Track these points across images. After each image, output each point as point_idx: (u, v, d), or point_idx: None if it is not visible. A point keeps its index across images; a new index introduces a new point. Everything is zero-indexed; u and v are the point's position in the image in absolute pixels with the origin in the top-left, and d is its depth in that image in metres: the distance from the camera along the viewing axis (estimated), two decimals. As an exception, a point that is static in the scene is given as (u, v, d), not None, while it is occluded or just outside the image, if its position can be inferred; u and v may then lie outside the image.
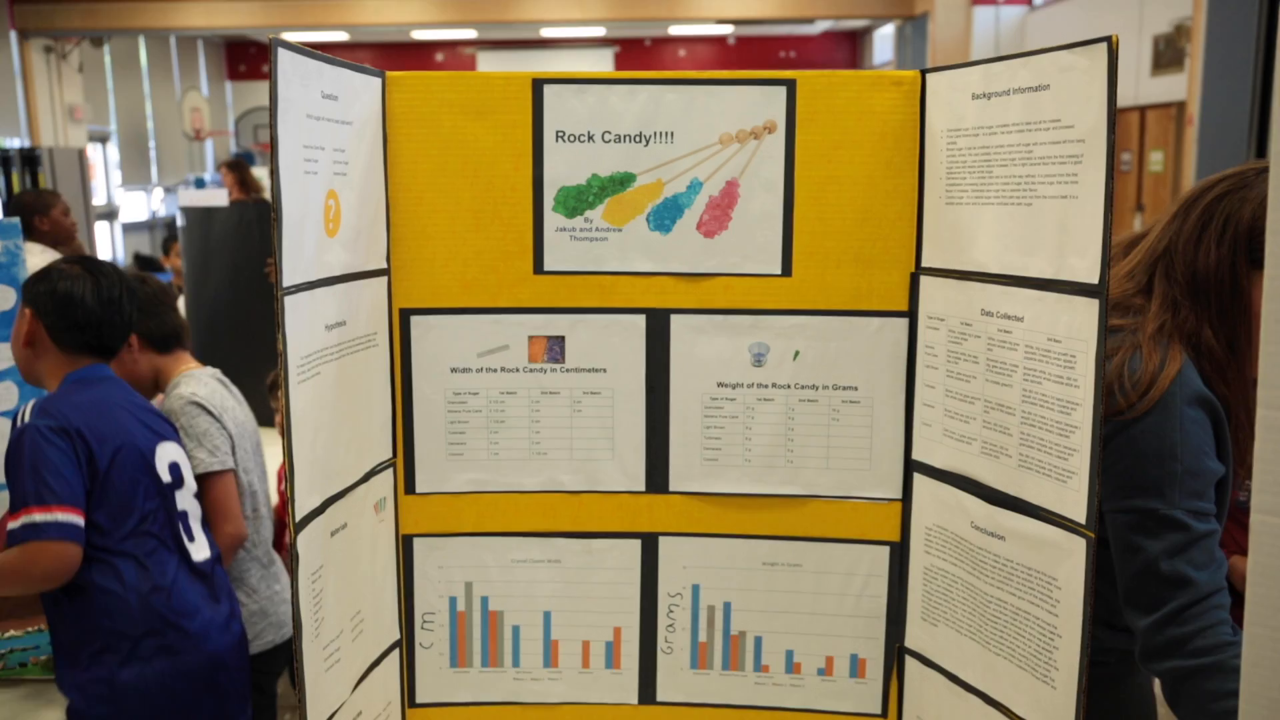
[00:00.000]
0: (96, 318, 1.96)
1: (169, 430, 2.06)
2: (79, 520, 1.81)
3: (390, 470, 1.45)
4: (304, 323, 1.21)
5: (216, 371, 2.41)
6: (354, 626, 1.34)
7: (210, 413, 2.24)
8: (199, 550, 2.01)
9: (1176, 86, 7.90)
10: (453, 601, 1.51)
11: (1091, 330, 1.16)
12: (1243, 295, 1.36)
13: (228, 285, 3.53)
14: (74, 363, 1.96)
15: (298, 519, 1.18)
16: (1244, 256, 1.35)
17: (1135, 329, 1.36)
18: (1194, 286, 1.37)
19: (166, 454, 1.99)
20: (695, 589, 1.50)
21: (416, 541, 1.49)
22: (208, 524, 2.08)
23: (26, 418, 1.86)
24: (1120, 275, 1.41)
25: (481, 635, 1.52)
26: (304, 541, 1.20)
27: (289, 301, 1.17)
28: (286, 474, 1.17)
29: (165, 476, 1.96)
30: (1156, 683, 1.42)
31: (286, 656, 2.37)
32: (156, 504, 1.93)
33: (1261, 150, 6.80)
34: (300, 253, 1.19)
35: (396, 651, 1.49)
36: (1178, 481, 1.27)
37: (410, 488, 1.48)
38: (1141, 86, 8.29)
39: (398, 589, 1.48)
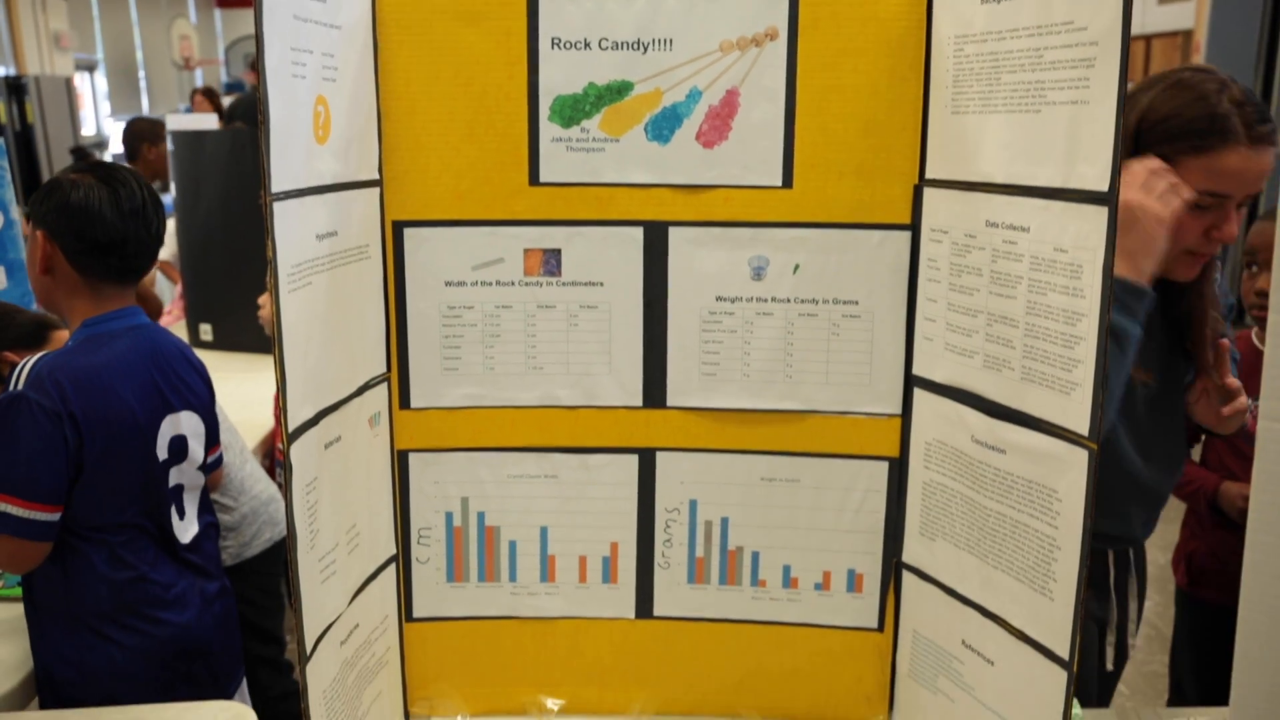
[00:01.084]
0: (119, 234, 1.72)
1: (195, 396, 1.87)
2: (51, 517, 1.67)
3: (384, 385, 1.43)
4: (294, 231, 1.18)
5: None
6: (349, 540, 1.33)
7: None
8: (186, 529, 1.85)
9: (1184, 15, 7.77)
10: (449, 517, 1.50)
11: (1100, 238, 1.13)
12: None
13: (219, 209, 3.47)
14: (97, 298, 1.77)
15: (290, 429, 1.17)
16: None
17: None
18: None
19: (173, 427, 1.81)
20: (692, 504, 1.49)
21: (412, 457, 1.48)
22: (207, 492, 1.95)
23: (21, 382, 1.67)
24: None
25: (478, 550, 1.51)
26: (297, 453, 1.18)
27: (278, 208, 1.14)
28: (278, 383, 1.15)
29: (162, 454, 1.79)
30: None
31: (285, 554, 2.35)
32: (143, 489, 1.77)
33: (1269, 80, 6.72)
34: (288, 158, 1.16)
35: (393, 566, 1.48)
36: None
37: (405, 403, 1.46)
38: (1148, 15, 8.15)
39: (393, 504, 1.47)
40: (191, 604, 1.83)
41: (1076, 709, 1.43)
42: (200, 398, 1.88)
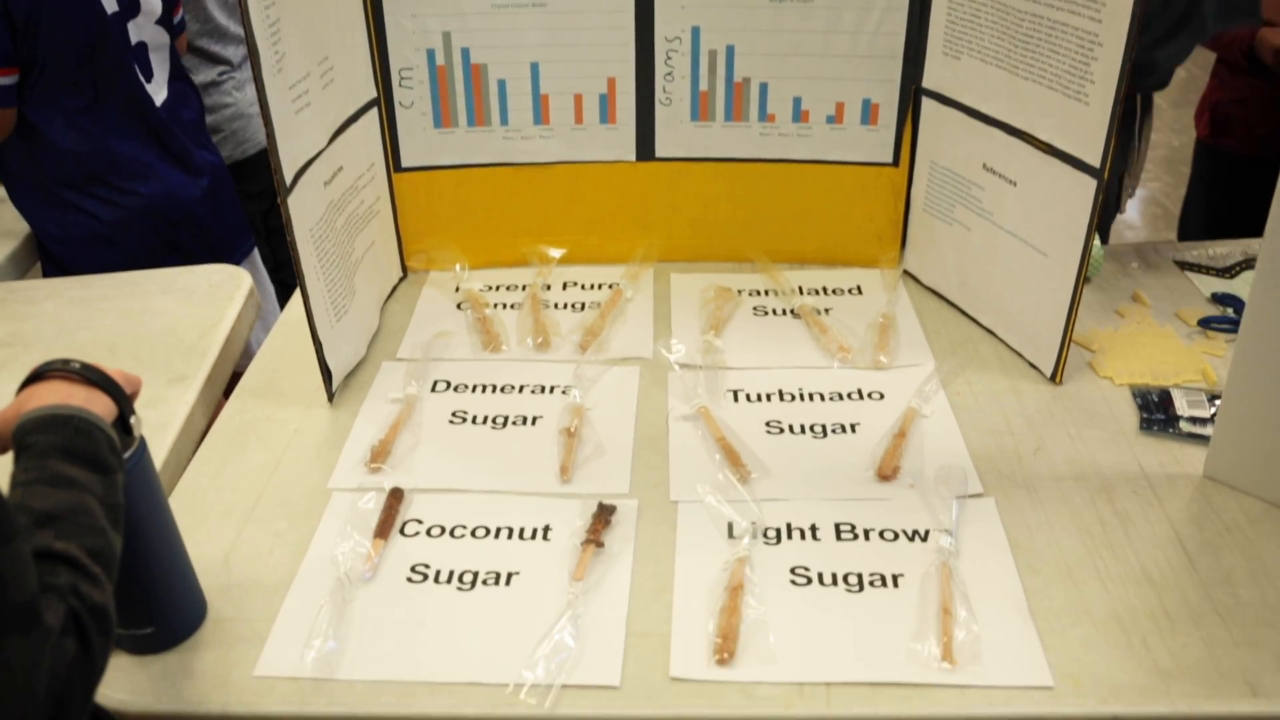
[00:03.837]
0: None
1: None
2: (6, 80, 1.58)
3: (344, -101, 1.26)
4: None
5: None
6: (322, 74, 1.22)
7: None
8: (156, 92, 1.76)
9: None
10: (431, 55, 1.38)
11: None
12: None
13: None
14: None
15: (238, -72, 1.02)
16: None
17: None
18: None
19: None
20: (695, 32, 1.36)
21: (384, -14, 1.34)
22: (178, 56, 1.82)
23: None
24: None
25: (465, 92, 1.40)
26: (249, -42, 1.04)
27: None
28: None
29: (111, 5, 1.65)
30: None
31: None
32: (95, 45, 1.64)
33: None
34: None
35: (375, 110, 1.38)
36: None
37: (370, -79, 1.30)
38: None
39: (369, 41, 1.35)
40: (166, 175, 1.77)
41: (1095, 241, 1.38)
42: None
